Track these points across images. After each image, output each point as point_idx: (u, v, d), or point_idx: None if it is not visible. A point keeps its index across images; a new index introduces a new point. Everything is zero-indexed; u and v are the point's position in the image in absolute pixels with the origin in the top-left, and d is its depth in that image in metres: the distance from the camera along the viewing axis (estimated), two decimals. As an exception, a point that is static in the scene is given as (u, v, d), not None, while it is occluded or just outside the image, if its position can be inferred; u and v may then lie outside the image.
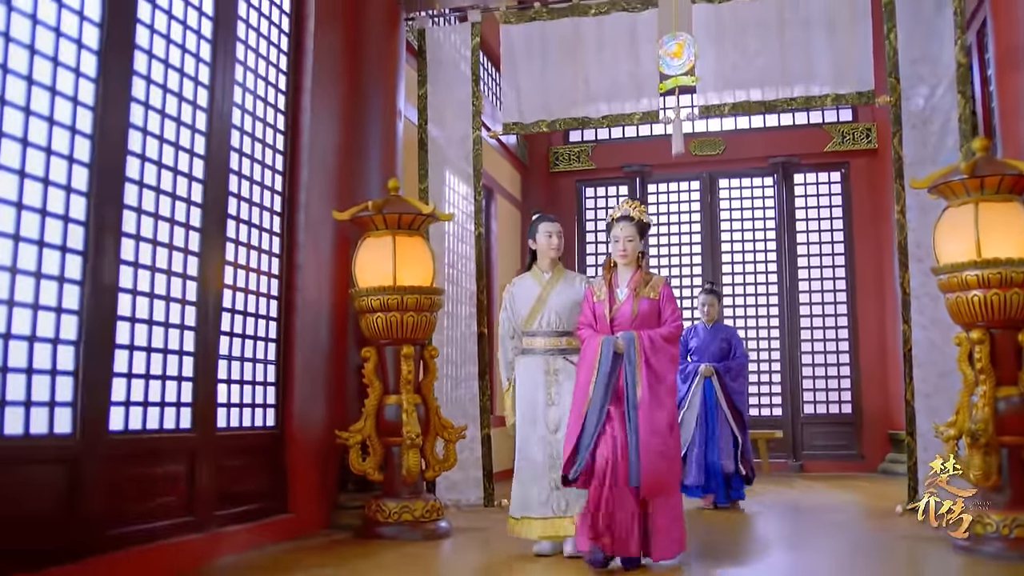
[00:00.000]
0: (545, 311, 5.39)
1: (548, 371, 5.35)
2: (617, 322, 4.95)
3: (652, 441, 4.63)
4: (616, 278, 5.10)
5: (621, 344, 4.82)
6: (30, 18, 4.11)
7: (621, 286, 5.05)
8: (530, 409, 5.35)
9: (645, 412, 4.68)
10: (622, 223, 5.06)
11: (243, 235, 5.82)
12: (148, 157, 4.89)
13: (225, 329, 5.56)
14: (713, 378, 7.81)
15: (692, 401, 7.79)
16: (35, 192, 4.10)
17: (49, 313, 4.16)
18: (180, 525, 5.02)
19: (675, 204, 12.71)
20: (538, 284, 5.47)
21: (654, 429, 4.66)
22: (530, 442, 5.32)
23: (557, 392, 5.30)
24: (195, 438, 5.21)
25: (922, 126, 6.74)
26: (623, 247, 5.04)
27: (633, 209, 5.10)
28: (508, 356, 5.56)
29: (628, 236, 5.04)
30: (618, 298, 5.02)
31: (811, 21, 7.08)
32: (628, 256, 5.05)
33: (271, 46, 6.30)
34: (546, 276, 5.49)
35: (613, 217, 5.14)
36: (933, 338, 6.62)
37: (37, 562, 3.94)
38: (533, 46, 7.55)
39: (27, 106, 4.07)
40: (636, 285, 5.00)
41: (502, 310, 5.61)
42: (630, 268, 5.07)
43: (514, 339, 5.53)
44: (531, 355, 5.41)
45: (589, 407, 4.78)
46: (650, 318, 4.96)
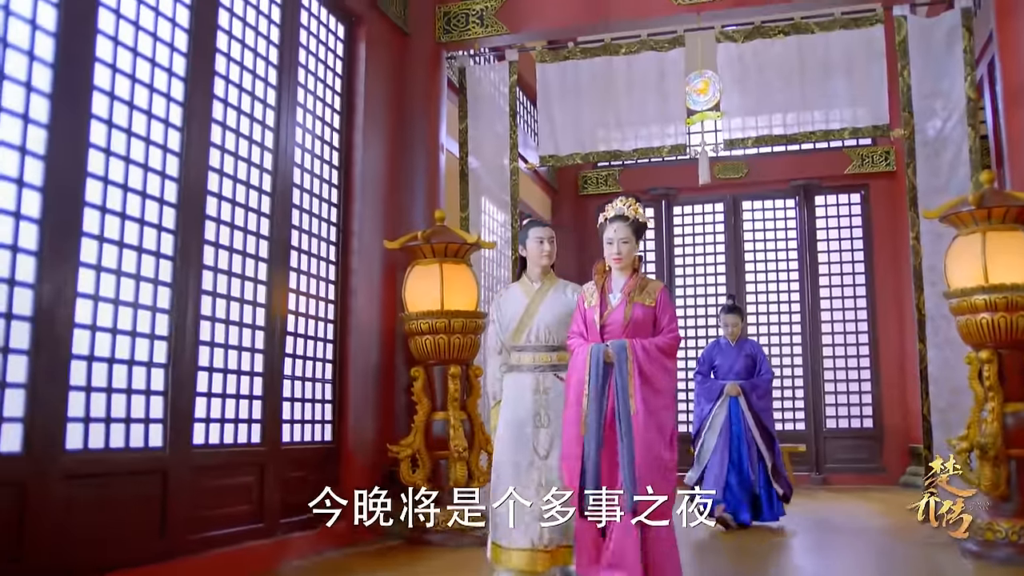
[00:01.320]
0: (534, 324, 4.82)
1: (537, 389, 4.76)
2: (607, 329, 4.43)
3: (648, 460, 4.19)
4: (609, 283, 4.56)
5: (611, 353, 4.33)
6: (129, 77, 4.64)
7: (614, 291, 4.52)
8: (516, 430, 4.74)
9: (640, 428, 4.20)
10: (616, 223, 4.49)
11: (304, 264, 6.31)
12: (224, 196, 5.40)
13: (289, 351, 6.05)
14: (740, 397, 7.54)
15: (714, 421, 7.57)
16: (133, 231, 4.61)
17: (144, 339, 4.67)
18: (251, 531, 5.50)
19: (700, 226, 13.12)
20: (526, 295, 4.91)
21: (650, 447, 4.21)
22: (511, 465, 4.71)
23: (547, 413, 4.72)
24: (264, 451, 5.70)
25: (935, 157, 7.13)
26: (617, 249, 4.48)
27: (628, 207, 4.54)
28: (496, 372, 4.99)
29: (623, 237, 4.46)
30: (610, 304, 4.49)
31: (829, 59, 7.53)
32: (623, 259, 4.49)
33: (327, 88, 6.81)
34: (535, 286, 4.92)
35: (606, 217, 4.57)
36: (947, 357, 6.99)
37: (134, 560, 4.45)
38: (567, 83, 8.04)
39: (127, 155, 4.59)
40: (631, 290, 4.46)
41: (490, 323, 5.08)
42: (625, 272, 4.52)
43: (502, 354, 4.96)
44: (519, 372, 4.84)
45: (587, 430, 4.30)
46: (644, 326, 4.44)
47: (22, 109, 3.96)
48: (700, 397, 7.80)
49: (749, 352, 7.81)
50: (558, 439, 4.58)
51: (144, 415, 4.67)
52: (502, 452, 4.79)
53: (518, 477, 4.65)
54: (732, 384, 7.59)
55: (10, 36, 3.91)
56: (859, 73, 7.48)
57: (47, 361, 4.00)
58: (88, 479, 4.24)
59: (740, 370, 7.68)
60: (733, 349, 7.81)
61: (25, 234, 3.94)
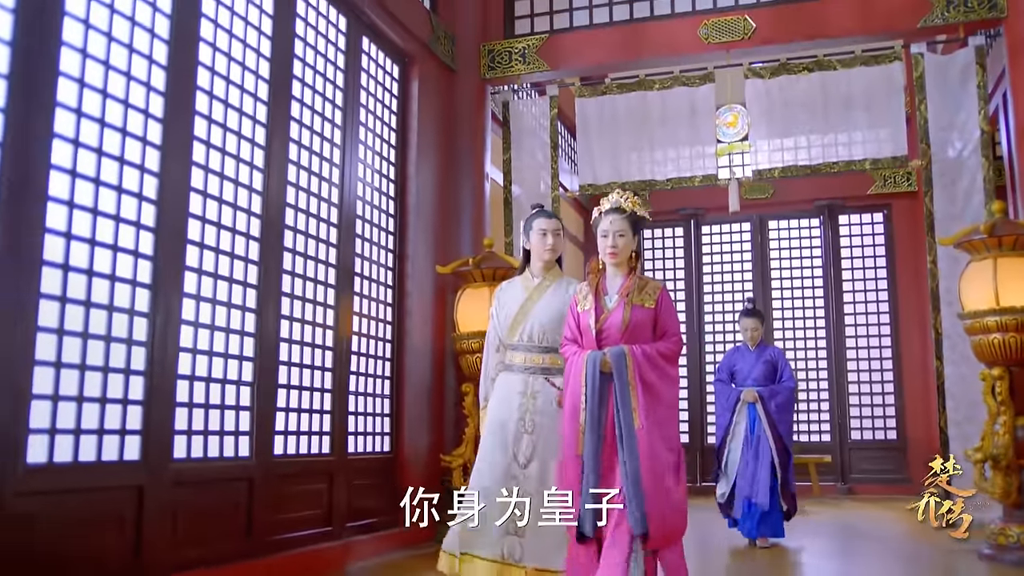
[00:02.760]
0: (528, 322, 4.52)
1: (526, 392, 4.44)
2: (604, 335, 4.01)
3: (657, 475, 3.77)
4: (604, 283, 4.14)
5: (609, 360, 3.90)
6: (221, 127, 5.21)
7: (610, 292, 4.10)
8: (499, 432, 4.43)
9: (645, 441, 3.78)
10: (612, 215, 4.09)
11: (365, 288, 6.86)
12: (298, 229, 5.96)
13: (353, 369, 6.59)
14: (757, 404, 7.19)
15: (736, 431, 7.28)
16: (225, 264, 5.19)
17: (234, 361, 5.23)
18: (321, 534, 6.03)
19: (727, 244, 13.58)
20: (525, 290, 4.62)
21: (658, 461, 3.79)
22: (488, 467, 4.39)
23: (533, 418, 4.38)
24: (333, 461, 6.24)
25: (951, 185, 7.61)
26: (613, 243, 4.06)
27: (625, 200, 4.14)
28: (490, 371, 4.71)
29: (619, 230, 4.06)
30: (606, 306, 4.06)
31: (851, 94, 8.03)
32: (619, 255, 4.08)
33: (384, 125, 7.37)
34: (535, 281, 4.62)
35: (600, 210, 4.18)
36: (964, 373, 7.45)
37: (221, 558, 4.98)
38: (604, 116, 8.59)
39: (220, 195, 5.17)
40: (628, 291, 4.05)
41: (490, 318, 4.80)
42: (621, 271, 4.12)
43: (499, 352, 4.68)
44: (510, 372, 4.55)
45: (585, 447, 3.88)
46: (644, 330, 4.02)
47: (139, 160, 4.53)
48: (718, 405, 7.57)
49: (770, 358, 7.40)
50: (540, 448, 4.30)
51: (235, 428, 5.23)
52: (482, 454, 4.48)
53: (494, 481, 4.30)
54: (748, 390, 7.25)
55: (130, 98, 4.49)
56: (879, 107, 7.99)
57: (159, 381, 4.56)
58: (191, 485, 4.80)
59: (759, 376, 7.30)
60: (752, 354, 7.46)
61: (141, 269, 4.51)
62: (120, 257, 4.37)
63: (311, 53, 6.26)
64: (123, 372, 4.36)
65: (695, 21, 8.07)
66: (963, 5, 7.47)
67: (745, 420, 7.23)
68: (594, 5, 8.47)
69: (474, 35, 8.53)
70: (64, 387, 4.01)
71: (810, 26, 7.84)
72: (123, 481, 4.35)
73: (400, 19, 7.32)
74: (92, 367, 4.17)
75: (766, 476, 7.01)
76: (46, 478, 3.90)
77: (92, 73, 4.27)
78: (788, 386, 7.27)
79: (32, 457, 3.83)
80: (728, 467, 7.29)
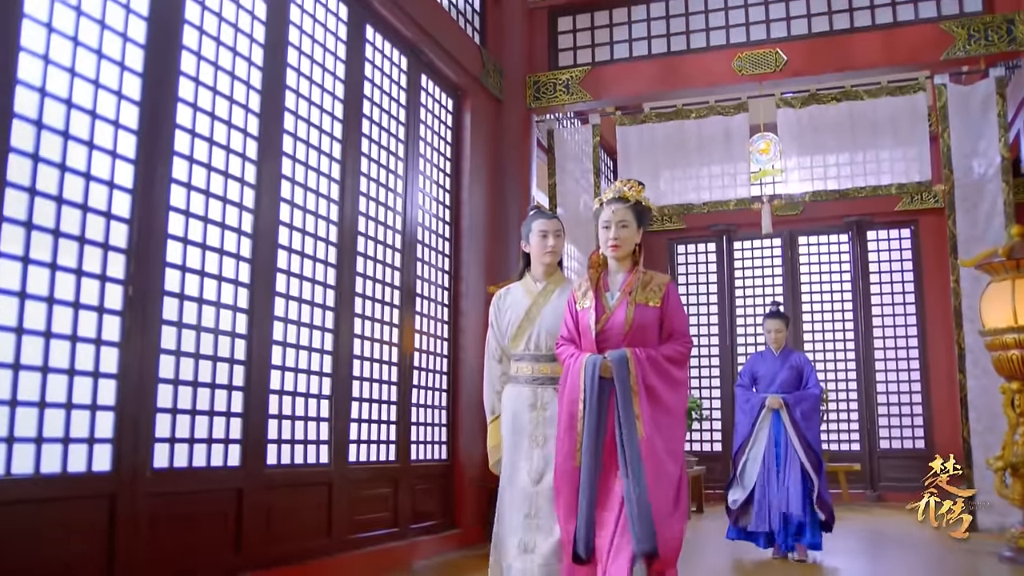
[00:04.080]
0: (534, 330, 4.25)
1: (535, 405, 4.20)
2: (605, 336, 3.71)
3: (661, 490, 3.49)
4: (605, 279, 3.85)
5: (610, 365, 3.61)
6: (304, 165, 5.78)
7: (612, 289, 3.80)
8: (512, 451, 4.25)
9: (650, 455, 3.49)
10: (614, 205, 3.79)
11: (425, 308, 7.40)
12: (368, 255, 6.51)
13: (415, 383, 7.14)
14: (782, 411, 6.88)
15: (758, 437, 6.98)
16: (308, 289, 5.75)
17: (315, 376, 5.79)
18: (389, 535, 6.57)
19: (759, 260, 14.00)
20: (528, 296, 4.36)
21: (662, 475, 3.51)
22: (508, 489, 4.23)
23: (544, 432, 4.13)
24: (398, 468, 6.78)
25: (973, 209, 8.07)
26: (615, 234, 3.75)
27: (629, 188, 3.86)
28: (494, 384, 4.46)
29: (621, 220, 3.76)
30: (607, 305, 3.76)
31: (878, 123, 8.52)
32: (622, 247, 3.78)
33: (439, 155, 7.92)
34: (539, 286, 4.36)
35: (602, 200, 3.89)
36: (986, 385, 7.90)
37: (306, 555, 5.53)
38: (644, 143, 9.12)
39: (303, 227, 5.73)
40: (632, 288, 3.74)
41: (489, 327, 4.53)
42: (624, 266, 3.83)
43: (502, 363, 4.44)
44: (516, 385, 4.31)
45: (583, 459, 3.62)
46: (649, 331, 3.71)
47: (238, 198, 5.10)
48: (740, 411, 7.25)
49: (795, 364, 7.09)
50: (552, 463, 3.91)
51: (316, 437, 5.79)
52: (504, 473, 4.31)
53: (513, 502, 4.18)
54: (773, 396, 6.93)
55: (231, 143, 5.06)
56: (904, 134, 8.47)
57: (255, 395, 5.13)
58: (281, 488, 5.37)
59: (784, 382, 7.00)
60: (777, 359, 7.14)
61: (241, 296, 5.08)
62: (224, 286, 4.94)
63: (377, 92, 6.82)
64: (227, 388, 4.93)
65: (729, 54, 8.58)
66: (984, 38, 7.93)
67: (768, 427, 6.94)
68: (633, 39, 9.00)
69: (520, 68, 9.09)
70: (181, 401, 4.58)
71: (838, 59, 8.32)
72: (225, 484, 4.90)
73: (455, 56, 7.88)
74: (202, 383, 4.74)
75: (798, 486, 6.71)
76: (168, 481, 4.46)
77: (201, 123, 4.84)
78: (814, 392, 6.96)
79: (157, 462, 4.40)
80: (744, 475, 7.01)
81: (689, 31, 8.84)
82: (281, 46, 5.59)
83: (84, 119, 4.08)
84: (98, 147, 4.14)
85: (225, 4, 5.11)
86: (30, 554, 3.67)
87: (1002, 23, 7.89)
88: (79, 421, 3.96)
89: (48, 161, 3.86)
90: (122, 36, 4.34)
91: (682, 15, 8.86)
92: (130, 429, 4.20)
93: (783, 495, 6.73)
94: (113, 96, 4.26)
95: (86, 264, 4.03)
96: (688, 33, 8.84)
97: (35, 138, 3.81)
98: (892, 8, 8.30)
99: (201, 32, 4.88)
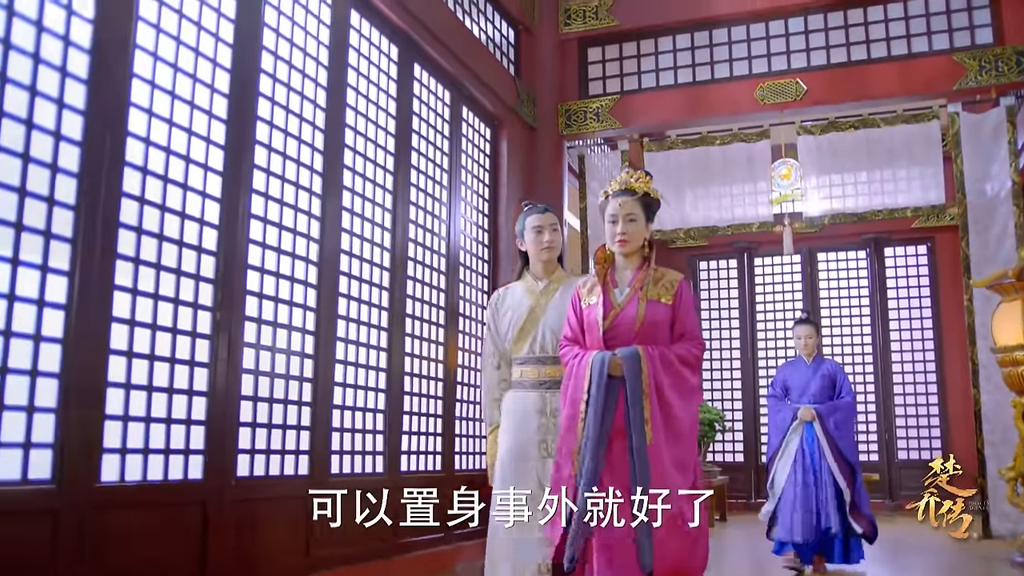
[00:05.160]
0: (539, 330, 4.04)
1: (544, 411, 3.97)
2: (613, 334, 3.50)
3: (670, 502, 3.22)
4: (613, 275, 3.65)
5: (620, 363, 3.39)
6: (363, 198, 6.27)
7: (621, 285, 3.60)
8: (518, 462, 3.96)
9: (658, 461, 3.27)
10: (620, 198, 3.58)
11: (466, 327, 7.87)
12: (417, 278, 6.99)
13: (458, 397, 7.60)
14: (815, 423, 6.69)
15: (787, 450, 6.79)
16: (365, 312, 6.23)
17: (372, 392, 6.26)
18: (435, 539, 6.97)
19: (779, 276, 14.40)
20: (529, 296, 4.13)
21: (671, 485, 3.26)
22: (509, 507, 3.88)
23: (555, 441, 3.76)
24: (443, 476, 7.23)
25: (984, 231, 8.47)
26: (622, 228, 3.54)
27: (636, 179, 3.65)
28: (493, 391, 4.26)
29: (629, 213, 3.55)
30: (616, 301, 3.55)
31: (894, 149, 8.95)
32: (630, 242, 3.55)
33: (478, 182, 8.39)
34: (540, 284, 4.14)
35: (607, 192, 3.68)
36: (999, 400, 8.28)
37: (365, 557, 5.94)
38: (671, 168, 9.58)
39: (360, 254, 6.21)
40: (642, 283, 3.54)
41: (486, 329, 4.34)
42: (633, 262, 3.61)
43: (501, 368, 4.24)
44: (521, 390, 4.08)
45: (583, 463, 3.37)
46: (660, 330, 3.50)
47: (306, 230, 5.59)
48: (771, 422, 7.11)
49: (827, 372, 6.91)
50: None
51: (372, 448, 6.25)
52: (502, 488, 3.98)
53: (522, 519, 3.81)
54: (806, 408, 6.76)
55: (300, 179, 5.56)
56: (919, 159, 8.90)
57: (320, 411, 5.60)
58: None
59: (816, 392, 6.81)
60: (808, 368, 6.95)
61: (309, 319, 5.57)
62: (294, 311, 5.43)
63: (424, 126, 7.31)
64: (297, 403, 5.41)
65: (752, 84, 9.03)
66: (994, 69, 8.35)
67: (798, 438, 6.75)
68: (660, 69, 9.46)
69: (552, 96, 9.56)
70: (260, 416, 5.07)
71: (856, 88, 8.76)
72: (295, 492, 5.28)
73: (492, 87, 8.36)
74: (277, 399, 5.22)
75: (832, 500, 6.52)
76: (248, 489, 4.93)
77: (275, 162, 5.34)
78: (847, 401, 6.78)
79: (240, 471, 4.88)
80: (774, 484, 6.85)
81: (713, 62, 9.30)
82: (341, 88, 6.08)
83: (179, 163, 4.57)
84: (191, 188, 4.63)
85: (294, 53, 5.61)
86: (128, 555, 4.07)
87: (1012, 55, 8.31)
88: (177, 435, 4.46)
89: (151, 203, 4.35)
90: (210, 87, 4.83)
91: (706, 46, 9.32)
92: (218, 441, 4.68)
93: (817, 507, 6.54)
94: (202, 142, 4.75)
95: (182, 294, 4.52)
96: (712, 64, 9.29)
97: (141, 182, 4.30)
98: (907, 40, 8.74)
99: (274, 80, 5.38)
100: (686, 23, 9.39)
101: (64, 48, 3.91)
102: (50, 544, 3.67)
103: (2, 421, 3.50)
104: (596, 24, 9.50)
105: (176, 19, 4.60)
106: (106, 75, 4.10)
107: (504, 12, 8.99)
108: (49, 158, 3.79)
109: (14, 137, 3.64)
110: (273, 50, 5.39)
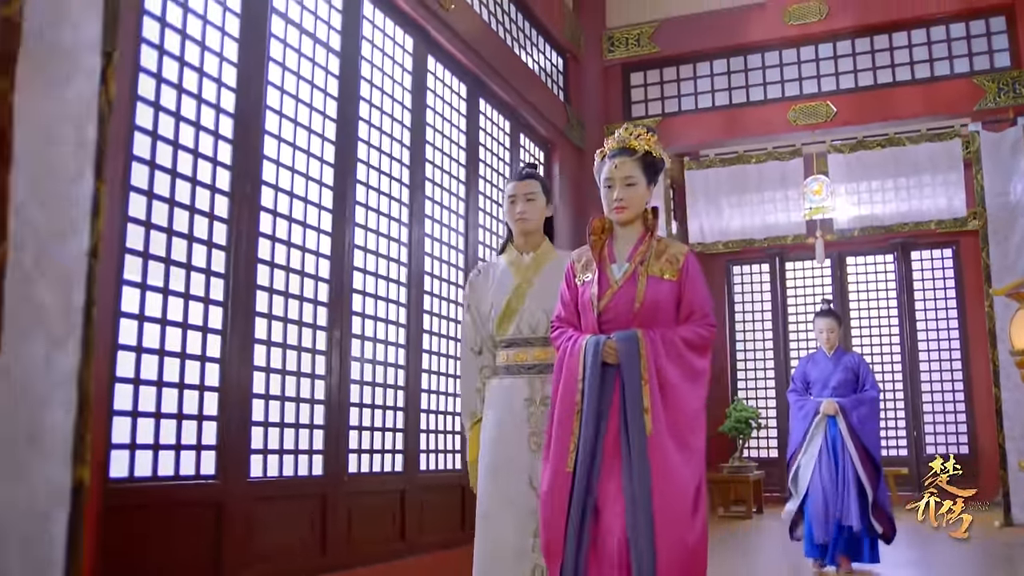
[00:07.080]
0: (525, 309, 3.57)
1: (532, 398, 3.49)
2: (610, 315, 3.09)
3: (671, 501, 2.88)
4: (611, 248, 3.21)
5: (616, 347, 2.99)
6: (438, 223, 7.03)
7: (619, 260, 3.16)
8: (501, 459, 3.47)
9: (659, 455, 2.89)
10: (617, 158, 3.16)
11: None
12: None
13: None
14: (838, 417, 6.46)
15: (811, 445, 6.56)
16: (446, 327, 6.99)
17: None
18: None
19: (810, 279, 14.97)
20: (514, 270, 3.67)
21: (674, 482, 2.90)
22: (498, 510, 3.46)
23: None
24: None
25: (1004, 241, 9.11)
26: (619, 194, 3.13)
27: (635, 137, 3.19)
28: (474, 379, 3.74)
29: (627, 177, 3.13)
30: (613, 278, 3.12)
31: (918, 164, 9.63)
32: (629, 209, 3.14)
33: (533, 201, 9.10)
34: (526, 258, 3.69)
35: (603, 152, 3.27)
36: (1018, 398, 8.93)
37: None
38: (710, 185, 10.30)
39: (440, 274, 6.96)
40: (643, 257, 3.10)
41: (463, 310, 3.89)
42: (634, 231, 3.19)
43: (482, 354, 3.73)
44: (507, 376, 3.58)
45: (578, 458, 2.99)
46: (664, 310, 3.07)
47: (397, 255, 6.35)
48: (793, 418, 6.88)
49: (850, 365, 6.66)
50: None
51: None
52: (486, 489, 3.52)
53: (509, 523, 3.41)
54: (828, 401, 6.52)
55: (391, 211, 6.32)
56: (942, 174, 9.57)
57: (411, 418, 6.37)
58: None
59: (838, 385, 6.58)
60: (829, 361, 6.73)
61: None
62: (390, 327, 6.20)
63: (489, 155, 8.05)
64: (392, 408, 6.18)
65: (785, 106, 9.71)
66: (1012, 91, 9.00)
67: (821, 434, 6.52)
68: (699, 92, 10.16)
69: (598, 119, 10.27)
70: (364, 420, 5.84)
71: (883, 110, 9.43)
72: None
73: (545, 114, 9.09)
74: (378, 405, 6.00)
75: (855, 497, 6.33)
76: (356, 483, 5.69)
77: (372, 197, 6.11)
78: (872, 395, 6.54)
79: (351, 469, 5.64)
80: (798, 484, 6.62)
81: (748, 85, 9.99)
82: (421, 126, 6.84)
83: (300, 205, 5.34)
84: (309, 225, 5.41)
85: (384, 99, 6.38)
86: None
87: (1028, 78, 8.99)
88: (303, 437, 5.23)
89: (280, 240, 5.13)
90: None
91: (742, 71, 10.02)
92: (333, 442, 5.45)
93: (839, 505, 6.36)
94: (316, 185, 5.53)
95: (305, 316, 5.29)
96: (747, 87, 9.99)
97: (272, 223, 5.07)
98: (930, 64, 9.41)
99: (369, 125, 6.16)
100: (723, 49, 10.08)
101: (215, 116, 4.69)
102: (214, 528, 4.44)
103: (182, 428, 4.30)
104: (638, 51, 10.21)
105: (295, 81, 5.38)
106: (244, 134, 4.87)
107: (554, 42, 9.72)
108: (207, 207, 4.57)
109: (183, 191, 4.42)
110: (368, 99, 6.16)
